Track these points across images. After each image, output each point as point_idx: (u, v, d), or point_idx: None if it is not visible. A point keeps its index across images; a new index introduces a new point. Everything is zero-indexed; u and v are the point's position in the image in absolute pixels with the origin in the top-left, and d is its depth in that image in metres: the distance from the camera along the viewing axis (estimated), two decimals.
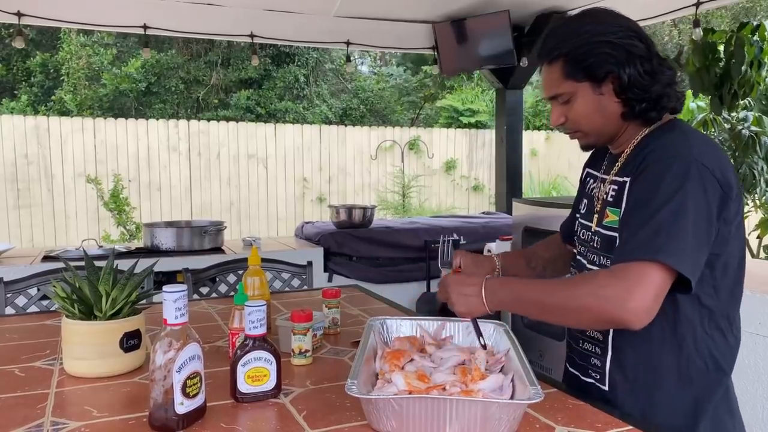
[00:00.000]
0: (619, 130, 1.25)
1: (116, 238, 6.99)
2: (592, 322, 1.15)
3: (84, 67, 9.98)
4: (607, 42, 1.17)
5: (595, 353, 1.27)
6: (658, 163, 1.13)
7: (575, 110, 1.23)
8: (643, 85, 1.17)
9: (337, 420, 1.10)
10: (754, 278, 2.53)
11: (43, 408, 1.17)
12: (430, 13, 4.10)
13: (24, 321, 1.88)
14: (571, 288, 1.14)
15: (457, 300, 1.22)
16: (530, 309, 1.21)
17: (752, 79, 3.37)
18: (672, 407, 1.19)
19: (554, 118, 1.27)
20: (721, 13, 11.04)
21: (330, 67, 12.16)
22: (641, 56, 1.17)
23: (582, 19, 1.24)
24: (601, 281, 1.09)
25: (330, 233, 3.88)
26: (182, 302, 1.07)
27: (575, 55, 1.18)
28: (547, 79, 1.25)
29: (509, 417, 1.01)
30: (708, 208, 1.10)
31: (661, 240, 1.07)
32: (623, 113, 1.21)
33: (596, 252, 1.26)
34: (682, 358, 1.18)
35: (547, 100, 1.27)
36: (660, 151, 1.16)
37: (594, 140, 1.27)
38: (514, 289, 1.20)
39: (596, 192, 1.32)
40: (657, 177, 1.12)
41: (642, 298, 1.05)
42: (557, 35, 1.23)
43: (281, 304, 2.03)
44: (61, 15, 3.72)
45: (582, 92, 1.21)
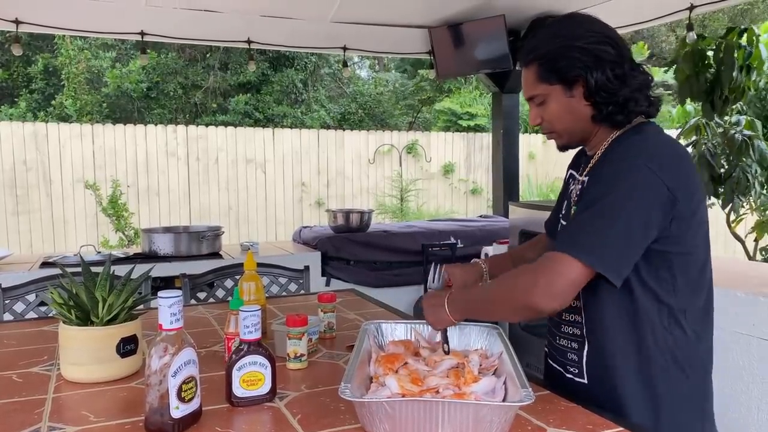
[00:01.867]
0: (590, 132, 1.29)
1: (115, 244, 6.99)
2: (512, 310, 1.21)
3: (83, 71, 9.99)
4: (578, 47, 1.22)
5: (572, 348, 1.30)
6: (609, 165, 1.20)
7: (549, 111, 1.29)
8: (611, 89, 1.21)
9: (331, 423, 1.11)
10: (748, 280, 2.55)
11: (40, 413, 1.18)
12: (426, 17, 4.12)
13: (22, 327, 1.89)
14: (504, 281, 1.23)
15: (427, 312, 1.32)
16: (481, 311, 1.26)
17: (742, 84, 3.38)
18: (636, 402, 1.23)
19: (532, 118, 1.34)
20: (717, 16, 11.08)
21: (328, 72, 12.19)
22: (611, 61, 1.21)
23: (558, 24, 1.30)
24: (519, 272, 1.19)
25: (327, 237, 3.89)
26: (177, 307, 1.08)
27: (548, 59, 1.24)
28: (524, 82, 1.32)
29: (501, 419, 1.02)
30: (646, 211, 1.14)
31: (580, 236, 1.14)
32: (593, 116, 1.26)
33: None
34: (642, 354, 1.22)
35: (527, 100, 1.34)
36: (615, 153, 1.22)
37: (567, 141, 1.32)
38: (466, 296, 1.29)
39: (573, 192, 1.37)
40: (602, 178, 1.19)
41: (547, 284, 1.12)
42: (533, 40, 1.30)
43: (277, 308, 2.04)
44: (59, 22, 3.74)
45: (554, 94, 1.26)
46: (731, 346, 2.34)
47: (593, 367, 1.27)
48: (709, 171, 3.72)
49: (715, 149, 3.72)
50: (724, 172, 3.73)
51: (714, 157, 3.70)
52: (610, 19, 3.90)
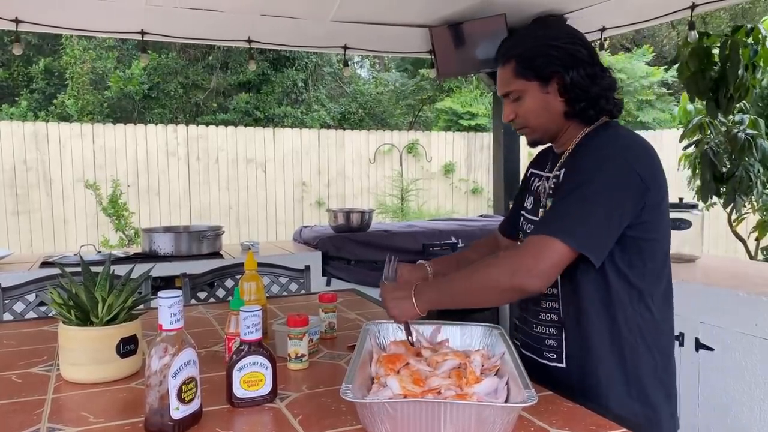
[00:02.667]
0: (561, 128, 1.38)
1: (115, 244, 6.99)
2: (499, 294, 1.26)
3: (88, 72, 9.99)
4: (555, 46, 1.31)
5: (551, 334, 1.37)
6: (585, 158, 1.29)
7: (524, 107, 1.36)
8: (584, 87, 1.31)
9: (332, 424, 1.11)
10: (749, 280, 2.54)
11: (39, 414, 1.17)
12: (426, 17, 4.11)
13: (21, 327, 1.89)
14: (484, 268, 1.25)
15: (390, 305, 1.32)
16: (456, 299, 1.29)
17: (747, 83, 3.37)
18: (610, 381, 1.31)
19: (506, 114, 1.40)
20: (719, 14, 11.07)
21: (328, 71, 12.18)
22: (584, 61, 1.31)
23: (534, 27, 1.41)
24: (502, 256, 1.25)
25: (328, 237, 3.88)
26: (177, 308, 1.08)
27: (526, 56, 1.33)
28: (500, 79, 1.39)
29: (503, 420, 1.01)
30: (622, 198, 1.23)
31: (564, 221, 1.21)
32: (566, 111, 1.34)
33: None
34: (614, 334, 1.31)
35: (502, 97, 1.41)
36: (589, 146, 1.31)
37: (540, 136, 1.40)
38: (438, 286, 1.31)
39: (541, 189, 1.44)
40: (581, 168, 1.27)
41: (533, 264, 1.19)
42: (510, 40, 1.40)
43: (278, 308, 2.03)
44: (59, 21, 3.73)
45: (531, 91, 1.34)
46: (733, 346, 2.34)
47: (572, 351, 1.34)
48: (712, 170, 3.71)
49: (717, 148, 3.71)
50: (726, 171, 3.72)
51: (716, 156, 3.69)
52: (612, 18, 3.92)
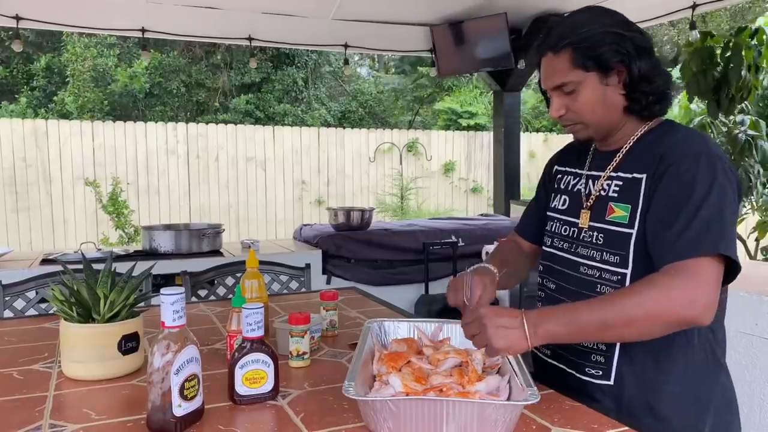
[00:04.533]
0: (617, 125, 1.25)
1: (115, 241, 6.99)
2: (661, 327, 1.09)
3: (89, 69, 9.98)
4: (617, 33, 1.18)
5: (599, 350, 1.24)
6: (685, 161, 1.14)
7: (580, 100, 1.22)
8: (651, 79, 1.19)
9: (334, 422, 1.11)
10: (750, 280, 2.54)
11: (41, 411, 1.17)
12: (427, 15, 4.11)
13: (22, 324, 1.88)
14: (632, 298, 1.07)
15: (494, 333, 1.08)
16: (588, 334, 1.12)
17: (750, 84, 3.37)
18: (678, 401, 1.20)
19: (555, 108, 1.26)
20: (719, 13, 11.07)
21: (328, 70, 12.18)
22: (649, 51, 1.19)
23: (590, 12, 1.25)
24: (665, 285, 1.07)
25: (328, 236, 3.88)
26: (180, 305, 1.08)
27: (585, 44, 1.19)
28: (550, 69, 1.24)
29: (506, 418, 1.01)
30: (735, 202, 1.14)
31: (713, 234, 1.08)
32: (626, 106, 1.22)
33: (597, 247, 1.25)
34: (689, 351, 1.20)
35: (550, 90, 1.26)
36: (681, 148, 1.17)
37: (593, 132, 1.27)
38: (564, 320, 1.10)
39: (582, 189, 1.32)
40: (689, 174, 1.13)
41: (708, 293, 1.05)
42: (565, 26, 1.23)
43: (279, 306, 2.03)
44: (59, 18, 3.73)
45: (589, 82, 1.20)
46: (734, 345, 2.34)
47: (626, 368, 1.21)
48: None
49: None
50: None
51: None
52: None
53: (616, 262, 1.21)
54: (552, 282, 1.37)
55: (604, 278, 1.23)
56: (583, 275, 1.27)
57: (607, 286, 1.22)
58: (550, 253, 1.38)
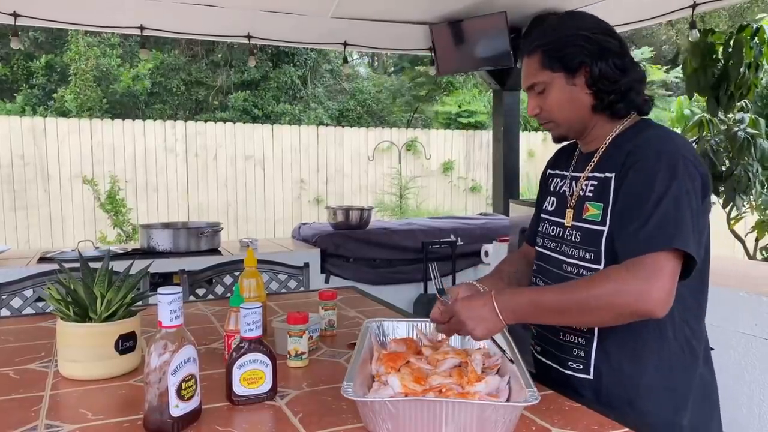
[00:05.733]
0: (588, 124, 1.31)
1: (113, 240, 6.97)
2: (614, 317, 1.15)
3: (92, 68, 9.95)
4: (582, 36, 1.25)
5: (579, 344, 1.29)
6: (648, 159, 1.19)
7: (549, 100, 1.29)
8: (613, 78, 1.24)
9: (332, 422, 1.10)
10: (749, 279, 2.54)
11: (37, 411, 1.16)
12: (427, 14, 4.10)
13: (19, 323, 1.87)
14: (590, 288, 1.14)
15: (474, 326, 1.17)
16: (548, 315, 1.19)
17: (749, 81, 3.37)
18: (655, 394, 1.24)
19: (530, 107, 1.33)
20: (718, 13, 11.08)
21: (327, 68, 12.16)
22: (614, 52, 1.25)
23: (562, 17, 1.33)
24: (620, 278, 1.12)
25: (327, 234, 3.88)
26: (177, 304, 1.07)
27: (553, 46, 1.26)
28: (525, 70, 1.32)
29: (505, 419, 1.00)
30: (696, 199, 1.17)
31: (669, 230, 1.12)
32: (593, 105, 1.28)
33: (575, 245, 1.30)
34: (664, 345, 1.24)
35: (525, 90, 1.34)
36: (646, 147, 1.21)
37: (565, 131, 1.33)
38: (528, 298, 1.19)
39: (567, 189, 1.37)
40: (650, 172, 1.17)
41: (662, 287, 1.09)
42: (537, 30, 1.33)
43: (277, 305, 2.02)
44: (57, 16, 3.71)
45: (556, 82, 1.27)
46: (733, 345, 2.33)
47: (603, 362, 1.26)
48: (711, 168, 3.71)
49: (717, 147, 3.70)
50: (725, 170, 3.72)
51: (716, 155, 3.69)
52: (612, 17, 3.90)
53: (591, 259, 1.25)
54: (542, 280, 1.41)
55: (582, 275, 1.27)
56: (565, 272, 1.32)
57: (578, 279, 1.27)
58: (541, 253, 1.43)
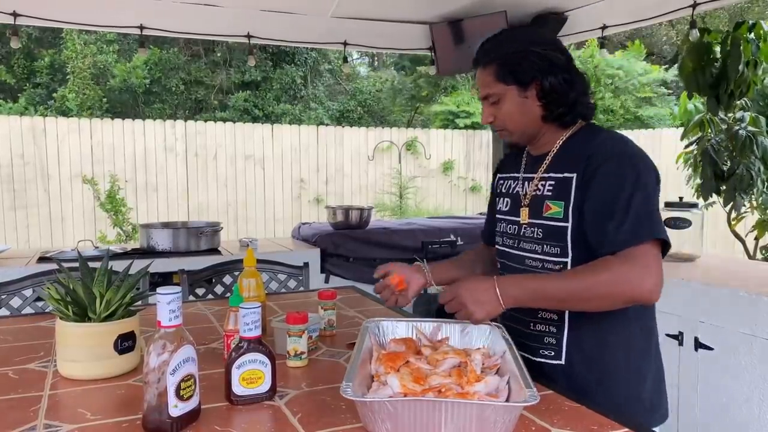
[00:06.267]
0: (539, 131, 1.42)
1: (113, 239, 6.97)
2: (612, 304, 1.27)
3: (89, 66, 9.94)
4: (535, 52, 1.35)
5: (550, 332, 1.40)
6: (611, 162, 1.30)
7: (503, 110, 1.40)
8: (562, 92, 1.36)
9: (332, 422, 1.10)
10: (749, 280, 2.53)
11: (36, 410, 1.16)
12: (427, 13, 4.10)
13: (18, 323, 1.87)
14: (588, 278, 1.24)
15: (474, 309, 1.26)
16: (549, 302, 1.30)
17: (749, 79, 3.37)
18: (622, 373, 1.37)
19: (484, 117, 1.44)
20: (718, 13, 11.07)
21: (327, 68, 12.16)
22: (562, 67, 1.36)
23: (514, 31, 1.46)
24: (617, 268, 1.23)
25: (327, 234, 3.87)
26: (176, 304, 1.07)
27: (506, 61, 1.36)
28: (480, 81, 1.42)
29: (505, 419, 1.00)
30: (655, 191, 1.31)
31: (648, 222, 1.26)
32: (543, 116, 1.39)
33: (537, 242, 1.41)
34: (626, 327, 1.37)
35: (481, 99, 1.44)
36: (606, 151, 1.33)
37: (517, 138, 1.44)
38: (532, 286, 1.29)
39: (520, 190, 1.49)
40: (616, 174, 1.29)
41: (654, 274, 1.22)
42: (491, 43, 1.41)
43: (277, 305, 2.02)
44: (57, 15, 3.71)
45: (509, 95, 1.38)
46: (733, 345, 2.33)
47: (574, 348, 1.37)
48: (712, 168, 3.70)
49: (718, 146, 3.70)
50: (727, 169, 3.71)
51: (717, 154, 3.68)
52: (612, 16, 3.92)
53: (556, 253, 1.37)
54: None
55: (546, 268, 1.38)
56: (528, 267, 1.43)
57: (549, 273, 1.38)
58: (502, 250, 1.54)
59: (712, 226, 5.37)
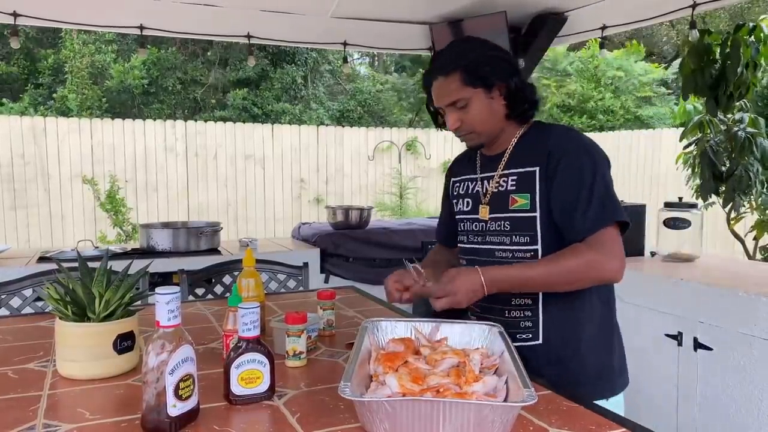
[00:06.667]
0: (500, 130, 1.52)
1: (113, 239, 6.98)
2: (581, 285, 1.43)
3: (87, 66, 9.94)
4: (496, 57, 1.47)
5: (525, 316, 1.51)
6: (570, 155, 1.43)
7: (471, 113, 1.48)
8: (524, 91, 1.48)
9: (330, 422, 1.10)
10: (748, 279, 2.54)
11: (35, 410, 1.16)
12: (427, 14, 4.10)
13: (18, 322, 1.88)
14: (561, 264, 1.39)
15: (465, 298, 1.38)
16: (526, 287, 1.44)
17: (748, 81, 3.37)
18: (592, 342, 1.50)
19: (452, 122, 1.50)
20: (719, 14, 11.07)
21: (327, 68, 12.16)
22: (517, 70, 1.49)
23: (468, 41, 1.53)
24: (585, 254, 1.38)
25: (327, 234, 3.88)
26: (175, 304, 1.07)
27: (473, 66, 1.45)
28: (444, 89, 1.48)
29: (503, 419, 1.00)
30: (610, 175, 1.45)
31: (610, 207, 1.40)
32: (507, 114, 1.50)
33: (505, 234, 1.51)
34: (591, 300, 1.49)
35: (445, 107, 1.50)
36: (564, 144, 1.45)
37: (484, 139, 1.52)
38: (509, 273, 1.41)
39: (480, 189, 1.57)
40: (577, 165, 1.42)
41: (619, 257, 1.38)
42: (451, 53, 1.49)
43: (276, 305, 2.03)
44: (57, 15, 3.71)
45: (477, 98, 1.46)
46: (732, 345, 2.33)
47: (550, 326, 1.48)
48: (711, 168, 3.70)
49: (717, 147, 3.70)
50: (726, 170, 3.71)
51: (716, 155, 3.68)
52: (612, 16, 3.92)
53: (526, 242, 1.47)
54: None
55: (517, 257, 1.49)
56: (499, 258, 1.52)
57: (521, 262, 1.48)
58: (469, 248, 1.62)
59: (712, 227, 5.37)
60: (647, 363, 2.64)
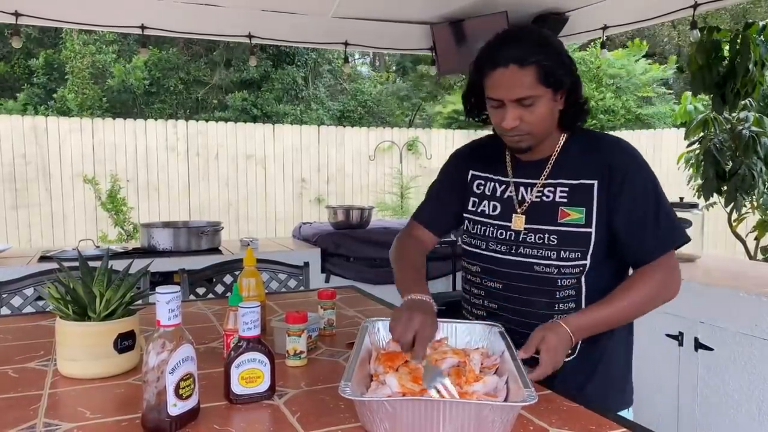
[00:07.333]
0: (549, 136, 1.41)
1: (114, 239, 6.98)
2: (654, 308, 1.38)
3: (88, 66, 9.94)
4: (567, 56, 1.35)
5: None
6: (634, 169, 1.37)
7: (536, 113, 1.32)
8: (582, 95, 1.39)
9: (330, 422, 1.10)
10: (750, 280, 2.53)
11: (35, 409, 1.16)
12: (428, 14, 4.10)
13: (18, 321, 1.88)
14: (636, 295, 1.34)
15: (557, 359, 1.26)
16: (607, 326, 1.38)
17: (755, 79, 3.37)
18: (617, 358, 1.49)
19: (511, 119, 1.32)
20: (720, 14, 11.06)
21: (328, 69, 12.16)
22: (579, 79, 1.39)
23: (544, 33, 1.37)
24: (656, 280, 1.35)
25: (327, 234, 3.88)
26: (175, 303, 1.07)
27: (549, 64, 1.30)
28: (516, 80, 1.29)
29: (503, 419, 1.00)
30: None
31: (679, 228, 1.38)
32: (560, 119, 1.39)
33: (552, 248, 1.38)
34: None
35: (509, 101, 1.32)
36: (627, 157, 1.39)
37: (537, 142, 1.39)
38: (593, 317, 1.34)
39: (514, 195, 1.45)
40: (643, 180, 1.37)
41: (679, 276, 1.38)
42: (531, 42, 1.31)
43: (277, 305, 2.03)
44: (59, 15, 3.71)
45: (545, 98, 1.32)
46: (734, 346, 2.33)
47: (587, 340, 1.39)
48: (714, 167, 3.69)
49: (721, 145, 3.69)
50: (729, 169, 3.70)
51: (720, 153, 3.67)
52: (613, 16, 3.92)
53: (577, 257, 1.37)
54: (497, 282, 1.47)
55: (563, 273, 1.38)
56: (540, 273, 1.40)
57: (567, 278, 1.39)
58: (489, 256, 1.47)
59: (713, 227, 5.37)
60: (648, 363, 2.64)
